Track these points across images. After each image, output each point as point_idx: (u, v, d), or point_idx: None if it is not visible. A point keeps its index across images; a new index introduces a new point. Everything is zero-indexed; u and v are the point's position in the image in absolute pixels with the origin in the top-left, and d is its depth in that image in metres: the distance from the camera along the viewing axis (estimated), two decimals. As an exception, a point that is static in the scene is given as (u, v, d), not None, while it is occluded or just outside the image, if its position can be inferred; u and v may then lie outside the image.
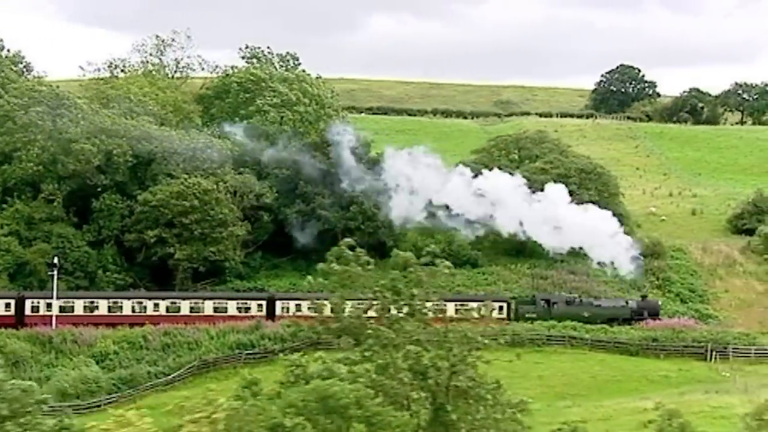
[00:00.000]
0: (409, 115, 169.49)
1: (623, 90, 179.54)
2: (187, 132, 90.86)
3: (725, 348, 72.37)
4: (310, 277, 31.96)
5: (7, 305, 75.70)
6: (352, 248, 31.52)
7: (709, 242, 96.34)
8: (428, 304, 31.72)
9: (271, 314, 78.13)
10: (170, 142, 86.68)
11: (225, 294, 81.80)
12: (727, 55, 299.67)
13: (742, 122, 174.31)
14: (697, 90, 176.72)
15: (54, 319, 74.86)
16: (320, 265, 31.33)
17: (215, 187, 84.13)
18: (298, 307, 76.33)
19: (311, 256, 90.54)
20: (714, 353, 71.81)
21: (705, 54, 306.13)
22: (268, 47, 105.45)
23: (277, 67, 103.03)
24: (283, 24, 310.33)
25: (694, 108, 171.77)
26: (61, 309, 75.80)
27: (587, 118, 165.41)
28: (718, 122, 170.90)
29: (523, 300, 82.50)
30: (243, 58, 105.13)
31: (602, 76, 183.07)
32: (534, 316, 79.04)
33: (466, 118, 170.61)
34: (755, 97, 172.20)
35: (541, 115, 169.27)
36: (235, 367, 70.16)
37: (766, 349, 72.72)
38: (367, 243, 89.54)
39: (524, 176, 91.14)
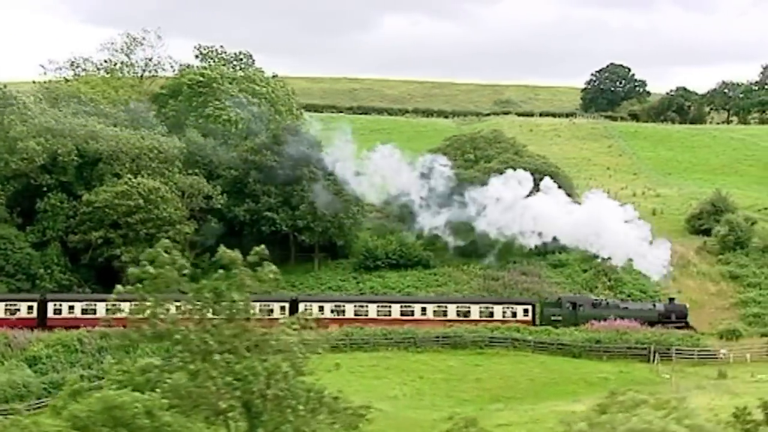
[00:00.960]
0: (390, 114, 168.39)
1: (612, 89, 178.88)
2: (138, 132, 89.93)
3: (668, 350, 71.58)
4: (119, 286, 30.60)
5: (30, 308, 76.12)
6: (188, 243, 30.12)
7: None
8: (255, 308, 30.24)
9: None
10: (117, 142, 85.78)
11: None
12: (742, 54, 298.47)
13: (728, 121, 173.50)
14: (684, 89, 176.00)
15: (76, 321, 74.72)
16: (131, 270, 30.20)
17: (161, 186, 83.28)
18: (321, 309, 77.02)
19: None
20: (657, 355, 71.02)
21: (719, 53, 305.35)
22: (221, 46, 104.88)
23: (233, 66, 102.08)
24: (298, 24, 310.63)
25: (680, 107, 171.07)
26: (84, 311, 75.70)
27: (566, 117, 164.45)
28: (705, 121, 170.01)
29: (548, 302, 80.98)
30: (196, 57, 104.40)
31: (592, 75, 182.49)
32: (560, 318, 77.73)
33: (447, 117, 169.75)
34: (741, 96, 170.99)
35: (519, 115, 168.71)
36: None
37: (709, 351, 71.93)
38: (318, 243, 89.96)
39: (476, 176, 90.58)
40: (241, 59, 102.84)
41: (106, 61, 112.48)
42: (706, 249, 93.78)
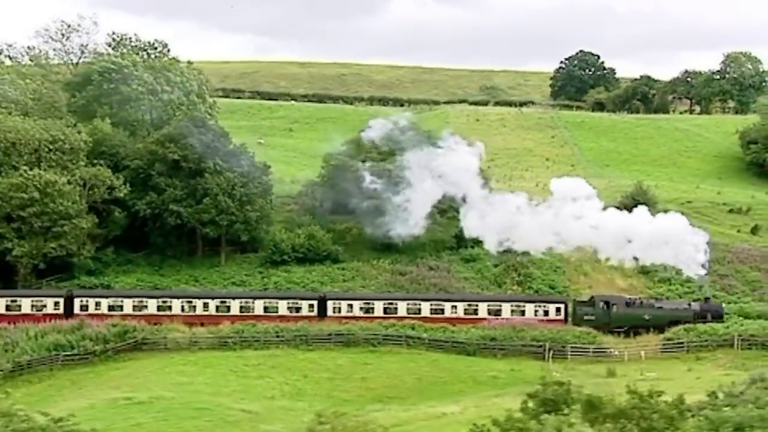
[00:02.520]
0: (345, 102, 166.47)
1: (581, 77, 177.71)
2: (41, 122, 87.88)
3: (564, 347, 70.57)
4: None
5: (56, 303, 75.73)
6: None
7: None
8: None
9: (322, 314, 76.63)
10: (16, 133, 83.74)
11: (277, 294, 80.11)
12: (753, 38, 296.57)
13: (690, 111, 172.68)
14: (648, 77, 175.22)
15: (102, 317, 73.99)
16: None
17: (60, 179, 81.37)
18: (351, 307, 76.31)
19: (167, 251, 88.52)
20: (552, 352, 69.97)
21: (730, 36, 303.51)
22: (135, 34, 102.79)
23: (147, 55, 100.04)
24: (303, 7, 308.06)
25: (645, 96, 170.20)
26: (110, 308, 75.48)
27: (522, 105, 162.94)
28: (668, 110, 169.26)
29: (581, 302, 78.75)
30: (109, 45, 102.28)
31: (561, 62, 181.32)
32: (593, 318, 75.36)
33: (402, 105, 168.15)
34: (702, 84, 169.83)
35: (472, 104, 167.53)
36: (51, 369, 67.70)
37: (603, 349, 70.91)
38: (226, 237, 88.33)
39: (387, 169, 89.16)
40: (156, 48, 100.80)
41: (30, 48, 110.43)
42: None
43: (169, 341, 70.33)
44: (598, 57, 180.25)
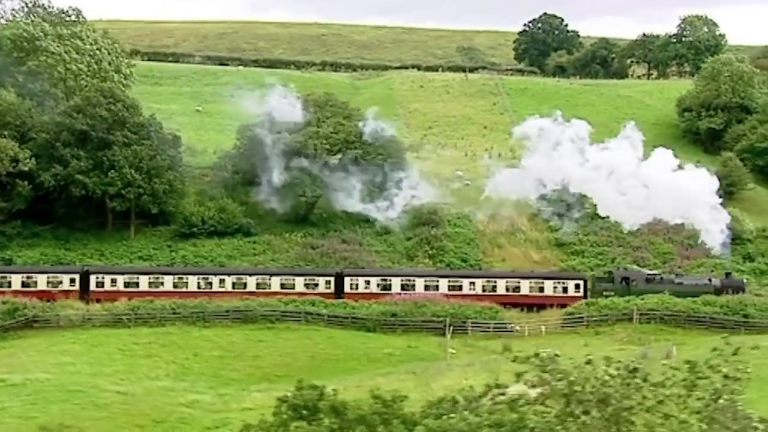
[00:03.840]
0: (296, 67, 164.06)
1: (544, 40, 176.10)
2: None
3: (464, 322, 69.83)
4: None
5: (72, 280, 75.27)
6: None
7: (499, 209, 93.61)
8: None
9: (339, 291, 75.74)
10: None
11: (293, 270, 78.87)
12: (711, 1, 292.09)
13: (648, 75, 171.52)
14: (606, 41, 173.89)
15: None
16: None
17: (-42, 152, 79.40)
18: (368, 283, 75.37)
19: (74, 224, 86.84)
20: (452, 328, 69.17)
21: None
22: (49, 1, 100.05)
23: (60, 22, 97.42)
24: None
25: (604, 60, 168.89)
26: (126, 284, 74.86)
27: (474, 71, 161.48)
28: (626, 74, 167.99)
29: (600, 277, 77.46)
30: (21, 10, 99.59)
31: (525, 25, 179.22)
32: (612, 294, 73.91)
33: (355, 70, 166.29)
34: (659, 48, 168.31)
35: (419, 68, 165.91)
36: None
37: (504, 324, 70.27)
38: (135, 210, 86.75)
39: (300, 142, 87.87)
40: (69, 15, 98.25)
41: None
42: (539, 215, 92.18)
43: (61, 318, 68.91)
44: (562, 20, 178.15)
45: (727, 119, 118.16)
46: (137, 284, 75.09)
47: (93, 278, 75.31)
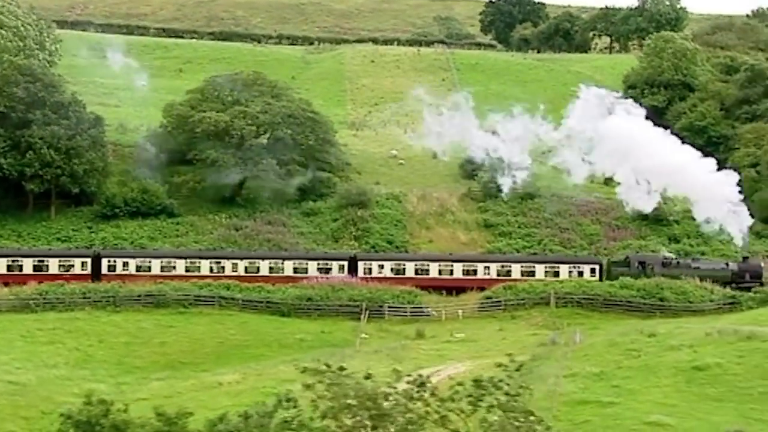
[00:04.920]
0: (252, 40, 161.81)
1: (510, 12, 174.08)
2: None
3: (381, 307, 68.81)
4: None
5: (83, 264, 74.21)
6: None
7: (429, 189, 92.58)
8: None
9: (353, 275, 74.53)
10: None
11: (306, 254, 77.72)
12: None
13: (610, 48, 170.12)
14: (569, 14, 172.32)
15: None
16: None
17: None
18: (381, 268, 74.54)
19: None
20: (368, 313, 68.15)
21: None
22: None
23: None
24: None
25: (567, 33, 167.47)
26: (138, 268, 73.70)
27: (430, 45, 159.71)
28: (589, 48, 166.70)
29: (616, 262, 75.55)
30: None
31: None
32: (628, 279, 71.67)
33: (312, 44, 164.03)
34: (621, 22, 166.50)
35: (375, 42, 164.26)
36: None
37: (421, 308, 69.31)
38: (55, 190, 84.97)
39: (226, 122, 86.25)
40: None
41: None
42: (470, 196, 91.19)
43: (-32, 303, 67.26)
44: None
45: (670, 97, 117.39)
46: (149, 268, 74.02)
47: (105, 262, 74.46)
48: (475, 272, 74.65)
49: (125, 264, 74.30)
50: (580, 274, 73.82)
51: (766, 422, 38.37)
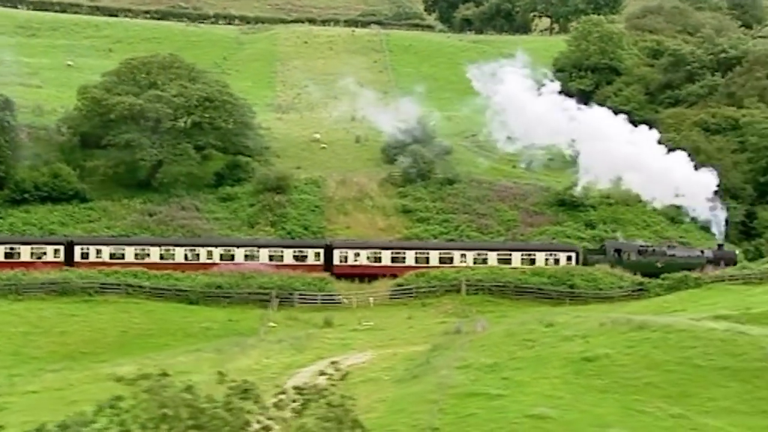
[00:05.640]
0: (189, 20, 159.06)
1: None
2: None
3: (291, 295, 68.02)
4: None
5: (56, 251, 73.40)
6: None
7: (350, 174, 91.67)
8: None
9: (328, 263, 73.75)
10: None
11: (282, 242, 77.09)
12: None
13: (551, 30, 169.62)
14: None
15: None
16: None
17: None
18: (357, 255, 73.92)
19: None
20: (276, 300, 67.32)
21: None
22: None
23: None
24: None
25: (508, 13, 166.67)
26: (112, 255, 72.76)
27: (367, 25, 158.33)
28: (530, 29, 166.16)
29: (592, 249, 75.22)
30: None
31: None
32: (605, 266, 71.61)
33: (249, 23, 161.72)
34: (560, 2, 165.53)
35: (312, 22, 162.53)
36: None
37: (332, 296, 68.64)
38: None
39: (141, 105, 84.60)
40: None
41: None
42: (390, 181, 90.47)
43: None
44: None
45: (597, 81, 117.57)
46: (123, 255, 73.22)
47: (78, 249, 73.51)
48: (451, 260, 74.04)
49: (98, 251, 73.55)
50: (557, 261, 73.80)
51: (647, 414, 38.21)
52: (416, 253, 74.29)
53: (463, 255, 74.08)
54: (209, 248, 73.98)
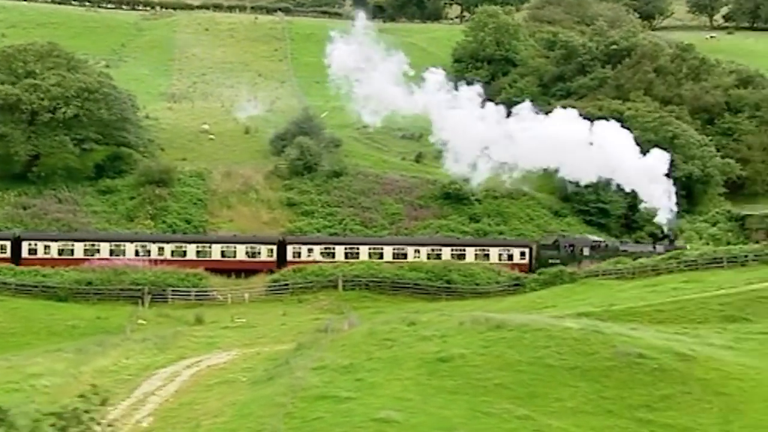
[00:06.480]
0: (89, 4, 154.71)
1: None
2: None
3: (164, 291, 66.37)
4: None
5: (2, 247, 71.48)
6: None
7: (235, 166, 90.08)
8: None
9: (281, 260, 72.21)
10: None
11: (235, 238, 74.62)
12: None
13: (461, 18, 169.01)
14: None
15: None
16: None
17: None
18: (311, 251, 72.39)
19: None
20: (148, 297, 65.61)
21: None
22: None
23: None
24: None
25: (420, 1, 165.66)
26: (60, 251, 70.82)
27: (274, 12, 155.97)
28: (441, 16, 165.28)
29: (545, 245, 74.20)
30: None
31: None
32: (557, 261, 70.98)
33: (153, 7, 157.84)
34: None
35: (218, 8, 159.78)
36: None
37: (207, 292, 67.18)
38: None
39: (16, 95, 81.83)
40: None
41: None
42: (276, 173, 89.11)
43: None
44: None
45: (493, 72, 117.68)
46: (72, 252, 71.33)
47: (25, 245, 71.58)
48: (405, 255, 72.88)
49: (47, 247, 71.54)
50: (510, 257, 73.49)
51: (493, 415, 37.70)
52: (369, 249, 73.34)
53: (416, 251, 73.43)
54: (160, 244, 72.61)
